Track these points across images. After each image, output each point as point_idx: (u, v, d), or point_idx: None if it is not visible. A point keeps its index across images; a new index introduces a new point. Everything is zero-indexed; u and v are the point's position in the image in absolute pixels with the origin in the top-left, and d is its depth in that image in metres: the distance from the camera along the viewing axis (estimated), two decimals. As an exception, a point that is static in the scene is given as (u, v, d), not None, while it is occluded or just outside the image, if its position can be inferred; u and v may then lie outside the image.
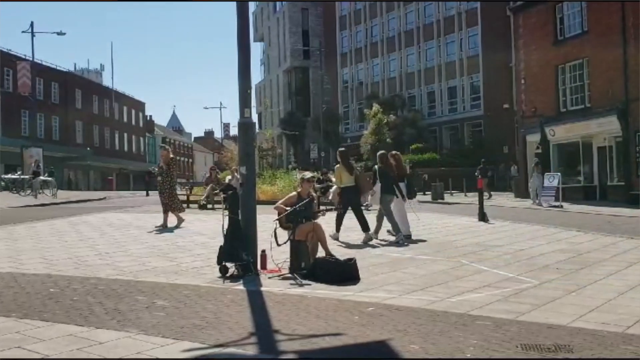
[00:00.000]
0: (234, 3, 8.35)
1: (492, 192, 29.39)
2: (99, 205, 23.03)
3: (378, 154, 12.48)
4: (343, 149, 12.60)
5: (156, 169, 14.01)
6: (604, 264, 8.84)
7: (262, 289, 6.91)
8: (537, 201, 23.35)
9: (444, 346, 4.63)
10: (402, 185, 11.97)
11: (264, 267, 8.02)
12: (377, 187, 11.72)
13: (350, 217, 11.61)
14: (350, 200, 11.43)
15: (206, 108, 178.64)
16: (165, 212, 13.18)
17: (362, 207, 11.68)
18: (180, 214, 13.58)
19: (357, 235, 11.85)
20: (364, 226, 11.18)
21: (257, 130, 52.56)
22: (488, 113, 45.25)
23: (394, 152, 12.72)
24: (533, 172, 24.65)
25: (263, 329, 5.11)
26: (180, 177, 79.98)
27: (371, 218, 11.95)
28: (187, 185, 31.81)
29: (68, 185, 48.10)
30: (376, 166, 12.05)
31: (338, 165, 11.74)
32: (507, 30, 38.76)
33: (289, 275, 7.55)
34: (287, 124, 60.58)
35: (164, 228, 12.89)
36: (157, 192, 14.15)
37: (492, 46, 44.30)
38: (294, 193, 8.83)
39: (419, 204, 17.09)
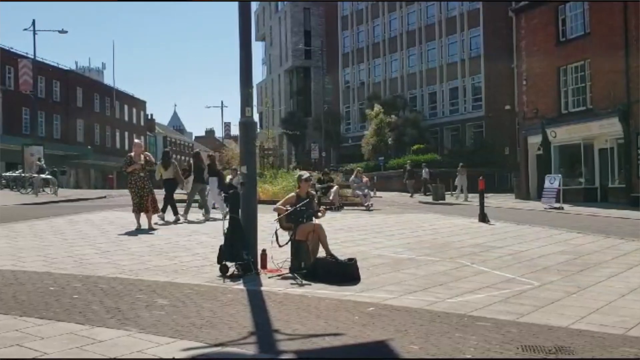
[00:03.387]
0: (236, 3, 8.35)
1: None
2: (100, 203, 23.01)
3: (192, 152, 17.16)
4: (167, 149, 17.15)
5: (136, 165, 12.53)
6: (605, 266, 8.83)
7: (262, 288, 6.90)
8: (461, 197, 27.98)
9: (444, 347, 4.62)
10: (214, 179, 15.41)
11: (264, 266, 8.02)
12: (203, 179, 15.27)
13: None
14: (167, 189, 14.84)
15: (207, 107, 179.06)
16: (147, 212, 12.55)
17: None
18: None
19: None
20: (174, 211, 14.37)
21: (258, 129, 52.53)
22: (489, 114, 45.20)
23: (211, 153, 17.32)
24: (459, 173, 28.62)
25: (263, 329, 5.10)
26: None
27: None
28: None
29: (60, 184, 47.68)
30: (191, 161, 15.69)
31: (159, 163, 15.10)
32: (509, 31, 38.80)
33: (289, 275, 7.54)
34: (288, 123, 60.55)
35: (152, 228, 12.45)
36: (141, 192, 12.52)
37: (494, 47, 44.26)
38: (293, 194, 8.79)
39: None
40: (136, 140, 16.05)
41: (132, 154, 12.84)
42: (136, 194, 12.54)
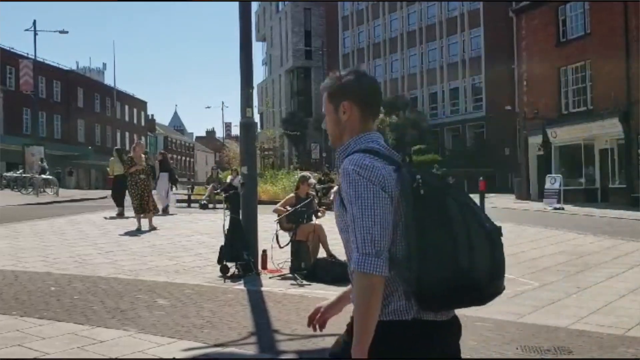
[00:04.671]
0: (236, 3, 8.37)
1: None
2: (101, 203, 23.01)
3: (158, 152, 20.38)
4: (119, 147, 18.72)
5: (137, 166, 12.51)
6: (605, 267, 8.83)
7: (263, 288, 6.91)
8: None
9: (443, 347, 4.62)
10: (166, 174, 16.64)
11: (264, 267, 8.03)
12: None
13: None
14: (120, 185, 15.19)
15: (208, 107, 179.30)
16: (148, 212, 12.44)
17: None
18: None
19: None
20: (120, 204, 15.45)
21: (258, 130, 52.48)
22: (490, 114, 45.20)
23: (162, 150, 19.67)
24: None
25: (263, 329, 5.12)
26: (181, 177, 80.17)
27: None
28: (189, 185, 31.80)
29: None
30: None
31: (112, 158, 15.98)
32: (509, 31, 38.73)
33: (290, 275, 7.56)
34: (289, 123, 60.49)
35: (153, 228, 12.34)
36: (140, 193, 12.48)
37: (495, 48, 44.28)
38: (292, 194, 8.80)
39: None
40: (137, 141, 16.14)
41: (132, 155, 12.79)
42: (137, 195, 12.43)
